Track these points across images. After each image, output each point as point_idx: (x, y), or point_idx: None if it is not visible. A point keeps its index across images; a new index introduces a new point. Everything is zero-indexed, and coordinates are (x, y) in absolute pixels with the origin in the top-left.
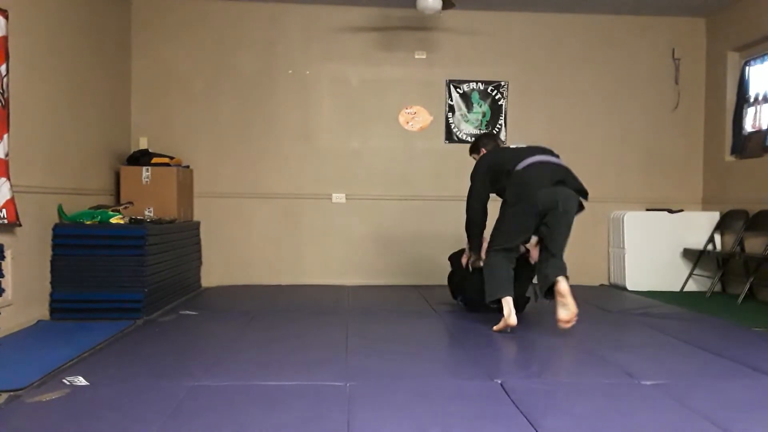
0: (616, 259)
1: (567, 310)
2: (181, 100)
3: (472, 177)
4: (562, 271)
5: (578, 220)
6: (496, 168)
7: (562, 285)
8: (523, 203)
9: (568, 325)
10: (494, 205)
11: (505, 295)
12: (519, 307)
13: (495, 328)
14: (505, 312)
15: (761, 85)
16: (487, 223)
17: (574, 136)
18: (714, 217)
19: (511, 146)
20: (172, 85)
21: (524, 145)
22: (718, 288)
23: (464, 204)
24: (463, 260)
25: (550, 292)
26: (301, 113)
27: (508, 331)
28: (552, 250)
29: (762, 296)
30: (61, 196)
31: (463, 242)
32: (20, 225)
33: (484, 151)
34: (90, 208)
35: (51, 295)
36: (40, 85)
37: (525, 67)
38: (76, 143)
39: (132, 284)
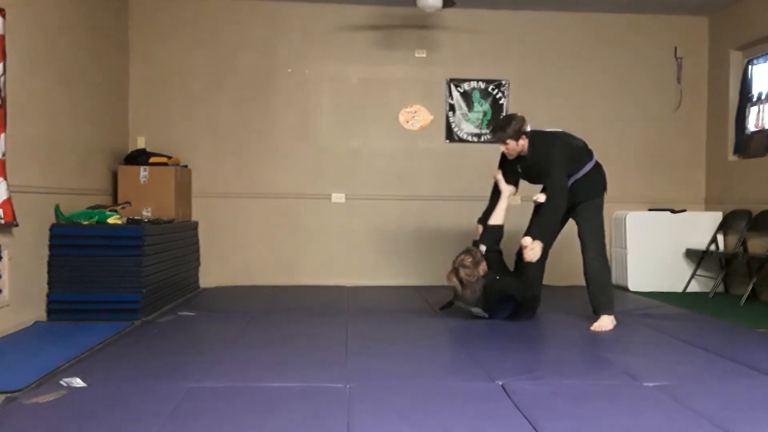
0: (618, 259)
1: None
2: (179, 100)
3: (554, 165)
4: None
5: None
6: (573, 154)
7: None
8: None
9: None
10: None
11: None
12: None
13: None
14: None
15: (764, 84)
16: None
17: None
18: (717, 217)
19: (547, 130)
20: (170, 85)
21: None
22: (720, 289)
23: (464, 204)
24: (532, 256)
25: None
26: (301, 113)
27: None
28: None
29: (765, 297)
30: (58, 196)
31: (464, 241)
32: (17, 225)
33: (525, 137)
34: (87, 208)
35: (48, 295)
36: (37, 85)
37: (526, 65)
38: (74, 143)
39: (130, 285)
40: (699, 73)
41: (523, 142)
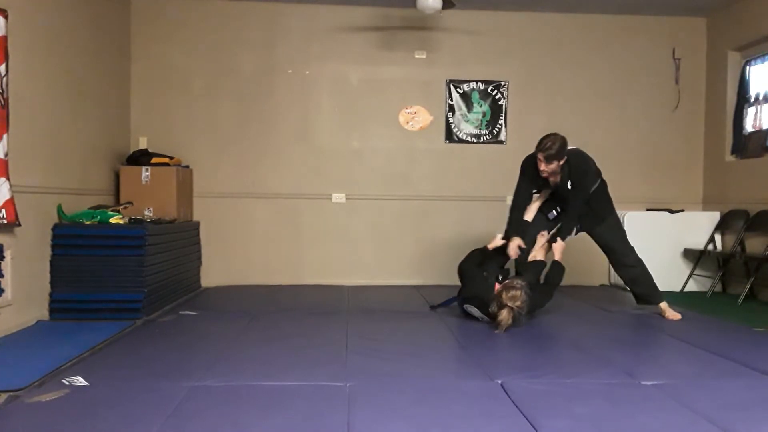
0: None
1: None
2: (180, 100)
3: (589, 179)
4: None
5: None
6: (596, 180)
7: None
8: None
9: None
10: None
11: None
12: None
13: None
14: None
15: (761, 85)
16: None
17: (574, 135)
18: (714, 217)
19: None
20: (171, 85)
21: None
22: (718, 288)
23: (464, 204)
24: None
25: None
26: (301, 113)
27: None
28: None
29: (762, 296)
30: (60, 196)
31: (463, 241)
32: (20, 225)
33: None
34: (89, 208)
35: (50, 295)
36: (39, 85)
37: (525, 66)
38: (76, 143)
39: (131, 284)
40: (697, 74)
41: (561, 163)
